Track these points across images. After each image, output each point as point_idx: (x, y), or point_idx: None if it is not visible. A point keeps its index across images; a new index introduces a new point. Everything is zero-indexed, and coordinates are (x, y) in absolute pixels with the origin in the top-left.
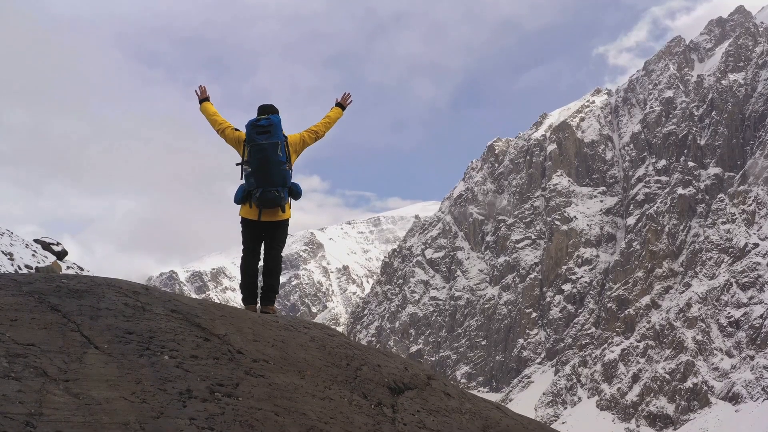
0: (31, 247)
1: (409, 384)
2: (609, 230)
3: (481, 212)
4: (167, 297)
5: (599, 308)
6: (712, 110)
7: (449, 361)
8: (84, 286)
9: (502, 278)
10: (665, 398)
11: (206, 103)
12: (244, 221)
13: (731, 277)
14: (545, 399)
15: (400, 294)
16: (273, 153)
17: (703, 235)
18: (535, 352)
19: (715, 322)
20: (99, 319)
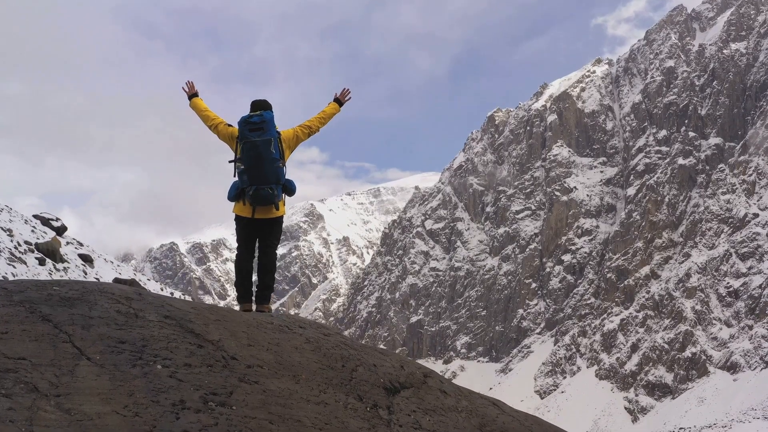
0: (30, 223)
1: (405, 383)
2: (609, 201)
3: (481, 183)
4: (160, 302)
5: (599, 279)
6: (713, 80)
7: (449, 331)
8: (76, 293)
9: (502, 249)
10: (664, 368)
11: (196, 99)
12: (237, 219)
13: (731, 248)
14: (544, 369)
15: (400, 265)
16: (266, 150)
17: (703, 205)
18: (535, 322)
19: (714, 292)
20: (91, 329)
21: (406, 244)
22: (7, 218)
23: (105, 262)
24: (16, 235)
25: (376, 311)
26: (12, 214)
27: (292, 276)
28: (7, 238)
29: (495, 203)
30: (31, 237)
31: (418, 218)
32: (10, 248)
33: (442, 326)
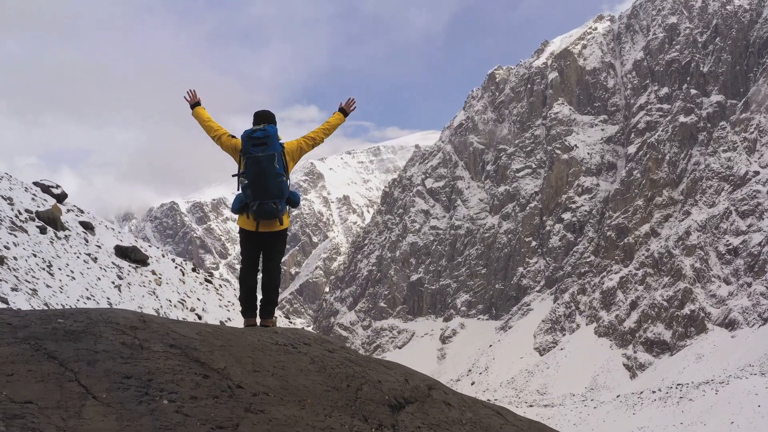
0: (30, 191)
1: (410, 398)
2: (609, 159)
3: (482, 141)
4: (165, 329)
5: (599, 237)
6: (716, 36)
7: (449, 289)
8: (80, 325)
9: (502, 207)
10: (662, 325)
11: (198, 108)
12: (242, 231)
13: (731, 205)
14: (544, 326)
15: (400, 223)
16: (269, 165)
17: (704, 163)
18: (535, 280)
19: (714, 249)
20: (97, 364)
21: (407, 203)
22: (7, 186)
23: (106, 229)
24: (17, 204)
25: (376, 270)
26: (12, 182)
27: (293, 235)
28: (8, 206)
29: (495, 162)
30: (31, 205)
31: (419, 177)
32: (11, 217)
33: (442, 284)
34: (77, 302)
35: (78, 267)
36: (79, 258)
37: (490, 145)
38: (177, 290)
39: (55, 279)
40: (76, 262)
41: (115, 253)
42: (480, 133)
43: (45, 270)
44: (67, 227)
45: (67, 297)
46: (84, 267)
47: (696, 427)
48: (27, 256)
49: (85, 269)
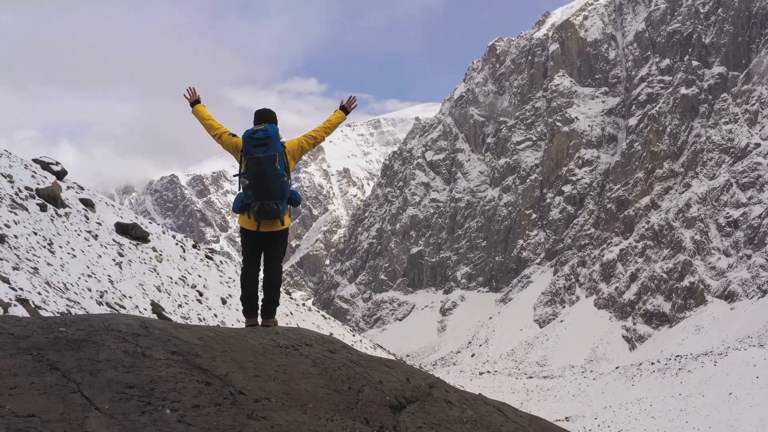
0: (30, 168)
1: (411, 397)
2: (610, 131)
3: (482, 114)
4: (167, 335)
5: (599, 209)
6: (718, 7)
7: (449, 262)
8: (82, 334)
9: (502, 180)
10: (662, 297)
11: (198, 106)
12: (243, 231)
13: (731, 177)
14: (544, 298)
15: (400, 196)
16: (270, 166)
17: (705, 135)
18: (535, 252)
19: (714, 222)
20: (99, 374)
21: (407, 176)
22: (7, 164)
23: (106, 206)
24: (17, 181)
25: (376, 242)
26: (12, 160)
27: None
28: (8, 184)
29: (496, 134)
30: (31, 182)
31: (419, 149)
32: (11, 195)
33: (442, 257)
34: (78, 280)
35: (79, 244)
36: (79, 235)
37: (491, 118)
38: (178, 267)
39: (56, 257)
40: (77, 240)
41: (116, 230)
42: (480, 106)
43: (46, 248)
44: (67, 204)
45: (69, 275)
46: (85, 244)
47: (694, 398)
48: (28, 234)
49: (86, 247)
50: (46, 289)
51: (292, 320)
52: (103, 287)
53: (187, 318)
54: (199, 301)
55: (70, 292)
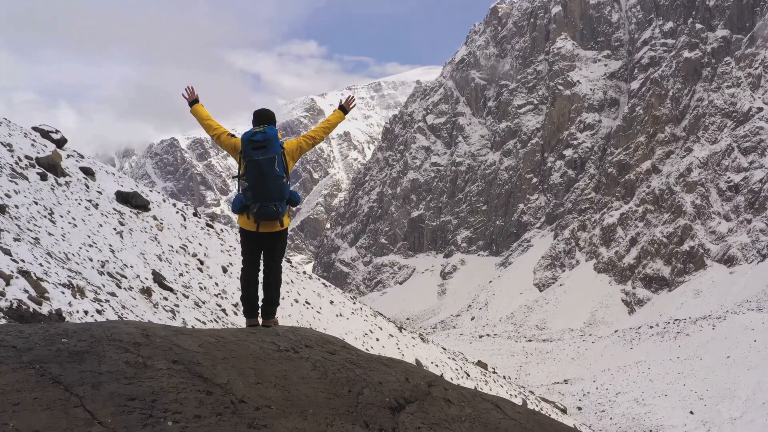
0: (29, 136)
1: (410, 397)
2: (612, 95)
3: (483, 77)
4: (168, 344)
5: (600, 173)
6: None
7: (450, 225)
8: (84, 345)
9: (503, 144)
10: (661, 261)
11: (197, 105)
12: (242, 231)
13: (733, 142)
14: (544, 262)
15: (401, 160)
16: (269, 168)
17: (707, 99)
18: (535, 216)
19: (715, 186)
20: (101, 387)
21: (407, 139)
22: (6, 132)
23: (106, 174)
24: (16, 150)
25: (377, 206)
26: (11, 128)
27: (294, 172)
28: (8, 153)
29: (497, 97)
30: (31, 151)
31: (420, 113)
32: (11, 164)
33: (442, 221)
34: (79, 250)
35: (79, 214)
36: (80, 205)
37: (492, 81)
38: (179, 235)
39: (57, 227)
40: (78, 209)
41: (116, 198)
42: (482, 69)
43: (47, 218)
44: (67, 173)
45: (70, 245)
46: (85, 214)
47: (692, 361)
48: (28, 204)
49: (87, 216)
50: (48, 260)
51: (293, 288)
52: (105, 257)
53: (189, 287)
54: (200, 270)
55: (72, 262)
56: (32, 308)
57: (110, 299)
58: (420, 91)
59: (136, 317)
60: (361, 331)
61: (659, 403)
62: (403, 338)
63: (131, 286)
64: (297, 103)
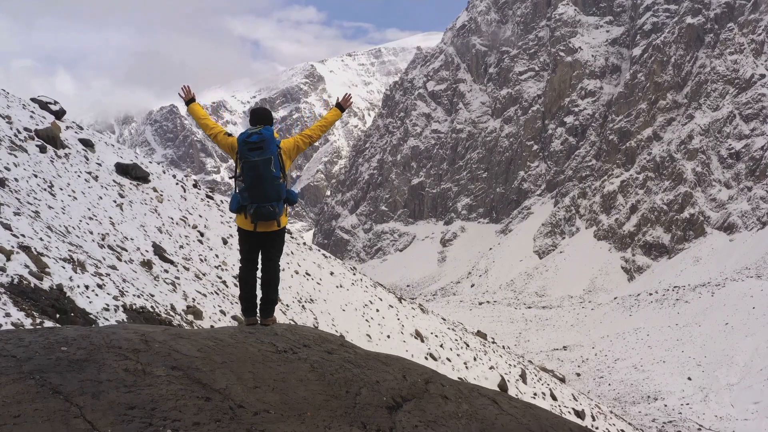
0: (28, 108)
1: (408, 395)
2: (614, 61)
3: (485, 43)
4: (167, 349)
5: (601, 140)
6: None
7: (450, 193)
8: (84, 353)
9: (504, 111)
10: (661, 228)
11: (194, 104)
12: (240, 231)
13: (735, 109)
14: (544, 229)
15: (401, 127)
16: (266, 169)
17: (710, 65)
18: (536, 184)
19: (716, 153)
20: (101, 396)
21: (408, 106)
22: (5, 104)
23: (106, 146)
24: (15, 122)
25: (377, 173)
26: (9, 99)
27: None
28: (6, 125)
29: (498, 64)
30: (30, 123)
31: (420, 80)
32: (10, 136)
33: (443, 188)
34: (80, 223)
35: (79, 186)
36: (79, 177)
37: (493, 47)
38: (179, 207)
39: (57, 200)
40: (77, 181)
41: (116, 170)
42: (483, 35)
43: (46, 191)
44: (66, 145)
45: (70, 218)
46: (85, 186)
47: (690, 328)
48: (28, 176)
49: (87, 188)
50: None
51: (293, 259)
52: (105, 230)
53: (189, 259)
54: (200, 242)
55: (72, 235)
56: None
57: (111, 273)
58: (420, 57)
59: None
60: (361, 302)
61: (657, 370)
62: (403, 309)
63: (132, 258)
64: (297, 70)
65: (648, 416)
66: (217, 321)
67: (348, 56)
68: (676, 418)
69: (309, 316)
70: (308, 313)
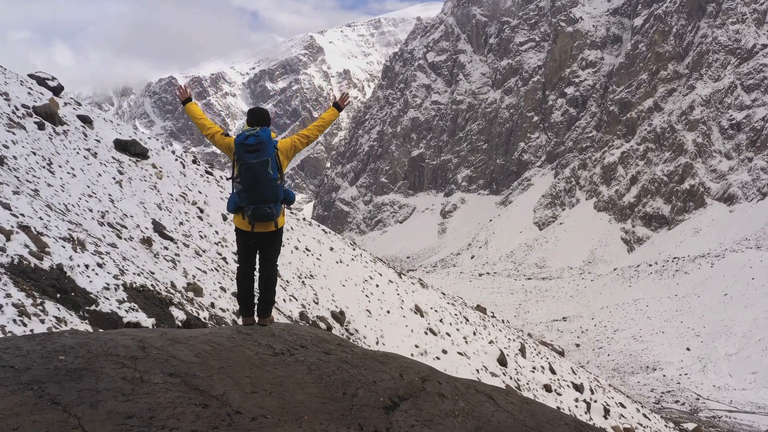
0: (26, 84)
1: (405, 395)
2: (615, 31)
3: (485, 13)
4: (165, 356)
5: (601, 111)
6: None
7: (450, 164)
8: (81, 362)
9: (504, 82)
10: (662, 199)
11: (190, 104)
12: (237, 231)
13: (736, 79)
14: (544, 201)
15: (401, 98)
16: (263, 171)
17: (711, 36)
18: (536, 155)
19: (717, 124)
20: (99, 405)
21: (408, 77)
22: (2, 80)
23: (104, 122)
24: (13, 99)
25: (377, 145)
26: (7, 76)
27: (293, 110)
28: (4, 102)
29: (498, 35)
30: (28, 100)
31: (420, 50)
32: (8, 113)
33: (443, 159)
34: (79, 200)
35: (78, 163)
36: (78, 154)
37: (494, 18)
38: (178, 183)
39: (56, 177)
40: (76, 158)
41: (115, 147)
42: (483, 5)
43: (45, 168)
44: (65, 122)
45: (69, 195)
46: (84, 163)
47: (690, 298)
48: (26, 154)
49: (86, 165)
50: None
51: (293, 235)
52: (104, 207)
53: (189, 236)
54: (200, 218)
55: (71, 213)
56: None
57: (111, 251)
58: (420, 28)
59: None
60: (360, 277)
61: (656, 340)
62: (403, 284)
63: (131, 236)
64: (296, 41)
65: (647, 386)
66: (217, 298)
67: (347, 27)
68: (674, 387)
69: (309, 291)
70: (308, 289)
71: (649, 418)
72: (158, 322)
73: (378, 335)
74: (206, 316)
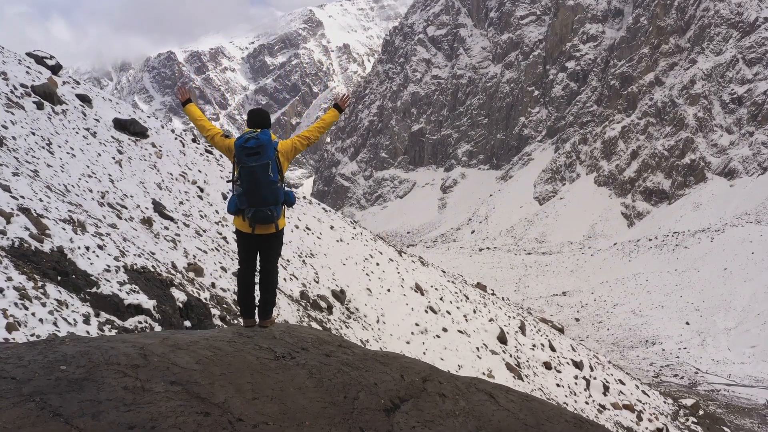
0: (24, 63)
1: (405, 396)
2: (616, 5)
3: None
4: (166, 363)
5: (602, 86)
6: None
7: (450, 139)
8: (83, 372)
9: (505, 56)
10: (662, 174)
11: (190, 105)
12: (237, 233)
13: (738, 53)
14: (544, 176)
15: (401, 73)
16: (264, 174)
17: (713, 9)
18: (536, 130)
19: (718, 99)
20: (101, 416)
21: (408, 52)
22: (0, 59)
23: (103, 101)
24: (11, 78)
25: (377, 120)
26: (5, 55)
27: (293, 85)
28: (2, 82)
29: (499, 8)
30: (26, 79)
31: (420, 24)
32: (7, 93)
33: (443, 134)
34: (79, 181)
35: (77, 143)
36: (78, 134)
37: None
38: (178, 162)
39: (56, 157)
40: (75, 138)
41: (114, 126)
42: None
43: (45, 149)
44: (64, 101)
45: (69, 176)
46: (84, 143)
47: (689, 273)
48: (26, 134)
49: (85, 145)
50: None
51: (293, 214)
52: (104, 187)
53: (189, 215)
54: (200, 198)
55: (71, 194)
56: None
57: (111, 232)
58: (420, 1)
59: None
60: (361, 256)
61: (656, 315)
62: (403, 262)
63: (132, 216)
64: (295, 15)
65: (646, 360)
66: (218, 278)
67: (347, 0)
68: (673, 362)
69: (309, 270)
70: (309, 268)
71: (648, 395)
72: (159, 303)
73: (378, 314)
74: (207, 297)
